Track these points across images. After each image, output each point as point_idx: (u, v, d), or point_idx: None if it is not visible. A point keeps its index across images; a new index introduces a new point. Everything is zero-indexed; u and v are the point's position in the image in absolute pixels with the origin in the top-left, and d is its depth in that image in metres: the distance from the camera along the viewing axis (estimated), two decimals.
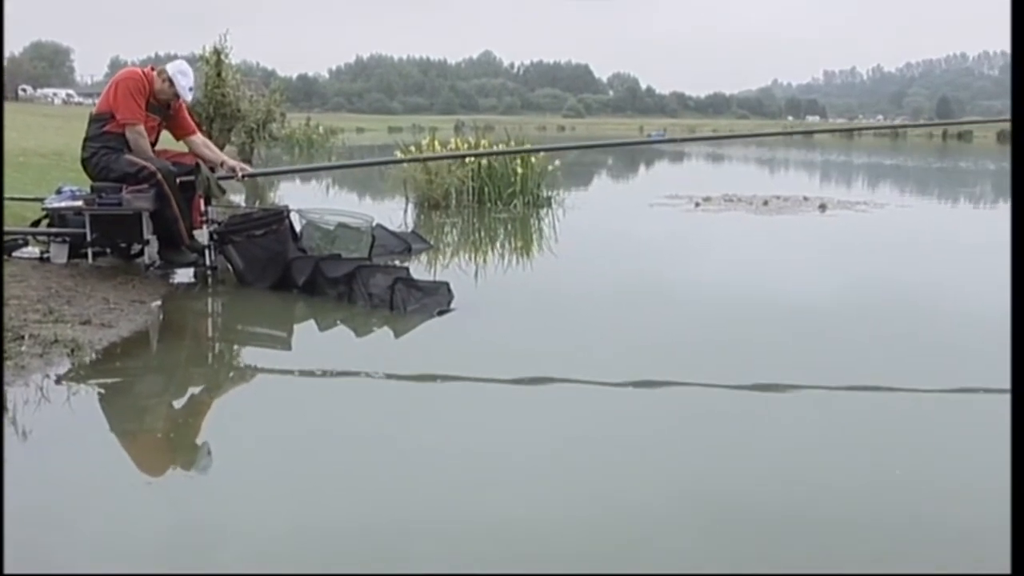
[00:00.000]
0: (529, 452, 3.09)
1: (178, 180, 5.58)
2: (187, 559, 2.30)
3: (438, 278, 5.73)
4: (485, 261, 7.31)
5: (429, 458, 3.00)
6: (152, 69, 5.73)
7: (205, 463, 3.00)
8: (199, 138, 6.11)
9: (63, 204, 5.63)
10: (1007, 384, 2.88)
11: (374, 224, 6.62)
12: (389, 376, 4.07)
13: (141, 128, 5.59)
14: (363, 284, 5.19)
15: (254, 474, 2.85)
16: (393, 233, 7.37)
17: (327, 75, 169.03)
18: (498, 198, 10.60)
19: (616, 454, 3.09)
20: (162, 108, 5.82)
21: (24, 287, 4.78)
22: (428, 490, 2.73)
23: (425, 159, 9.88)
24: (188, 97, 5.87)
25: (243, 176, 6.09)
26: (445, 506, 2.63)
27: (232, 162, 6.06)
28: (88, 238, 5.47)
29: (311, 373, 4.15)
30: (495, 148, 11.08)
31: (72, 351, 3.91)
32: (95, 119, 5.63)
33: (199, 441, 3.20)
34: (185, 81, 5.70)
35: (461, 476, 2.87)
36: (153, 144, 5.79)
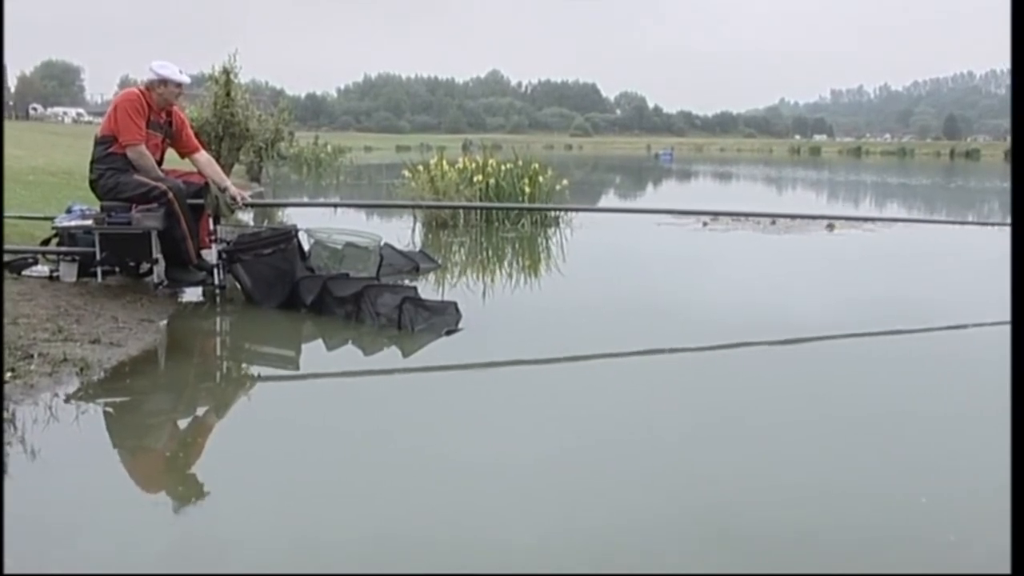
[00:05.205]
0: (535, 468, 3.07)
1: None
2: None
3: (446, 297, 5.74)
4: (493, 280, 7.30)
5: (435, 476, 2.99)
6: (146, 88, 5.73)
7: (212, 482, 2.98)
8: (204, 156, 6.10)
9: (73, 223, 5.65)
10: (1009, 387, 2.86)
11: (382, 243, 6.65)
12: (397, 396, 4.07)
13: (143, 148, 5.61)
14: (371, 303, 5.19)
15: (261, 493, 2.83)
16: (401, 252, 7.38)
17: (335, 94, 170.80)
18: (506, 217, 10.62)
19: (623, 471, 3.06)
20: (164, 126, 5.84)
21: (33, 306, 4.80)
22: (433, 506, 2.72)
23: (429, 207, 10.15)
24: (185, 79, 5.84)
25: (244, 205, 6.10)
26: (451, 524, 2.61)
27: (235, 190, 6.00)
28: (97, 257, 5.49)
29: (319, 392, 4.15)
30: (503, 168, 11.13)
31: (81, 370, 3.92)
32: (99, 141, 5.65)
33: (206, 460, 3.19)
34: (168, 70, 5.69)
35: (465, 491, 2.85)
36: (159, 163, 5.81)
